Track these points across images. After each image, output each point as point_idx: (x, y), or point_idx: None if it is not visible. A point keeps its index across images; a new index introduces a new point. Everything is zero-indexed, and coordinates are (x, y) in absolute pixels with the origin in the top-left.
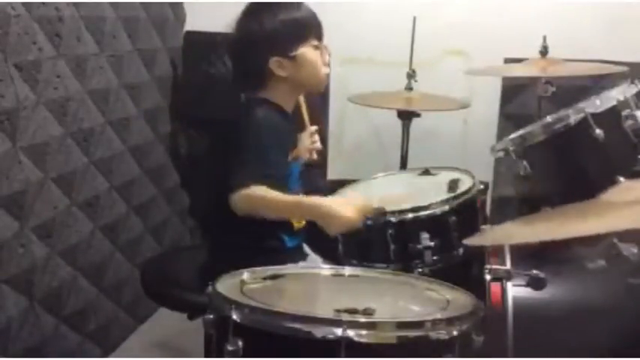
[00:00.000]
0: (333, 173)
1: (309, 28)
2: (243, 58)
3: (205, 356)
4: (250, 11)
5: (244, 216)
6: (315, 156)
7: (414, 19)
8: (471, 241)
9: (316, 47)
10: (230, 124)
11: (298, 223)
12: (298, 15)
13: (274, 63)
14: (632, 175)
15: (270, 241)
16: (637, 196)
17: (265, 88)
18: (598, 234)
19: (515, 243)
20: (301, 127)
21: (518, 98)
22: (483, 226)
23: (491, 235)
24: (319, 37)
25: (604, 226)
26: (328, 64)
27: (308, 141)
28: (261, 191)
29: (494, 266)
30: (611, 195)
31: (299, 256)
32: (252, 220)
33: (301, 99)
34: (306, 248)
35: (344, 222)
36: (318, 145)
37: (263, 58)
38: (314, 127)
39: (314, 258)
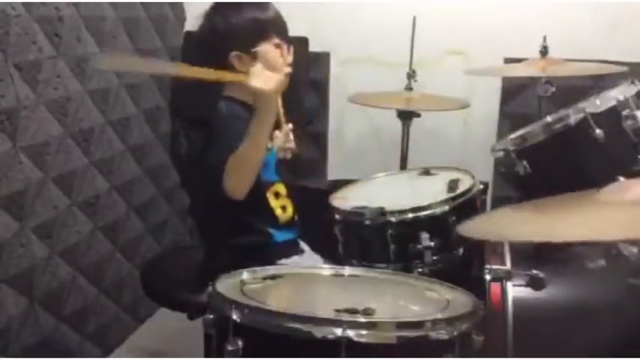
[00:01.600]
0: (333, 173)
1: (271, 26)
2: (206, 53)
3: (205, 356)
4: (215, 8)
5: (223, 212)
6: (288, 155)
7: (414, 19)
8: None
9: (277, 46)
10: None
11: (284, 215)
12: (262, 14)
13: (234, 58)
14: (632, 175)
15: (257, 237)
16: (637, 196)
17: (228, 83)
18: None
19: (512, 241)
20: (277, 125)
21: (518, 98)
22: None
23: (486, 224)
24: (282, 35)
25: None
26: (289, 65)
27: (281, 140)
28: (232, 157)
29: (494, 266)
30: (611, 195)
31: (292, 250)
32: (239, 216)
33: (278, 100)
34: (304, 245)
35: (268, 90)
36: (292, 144)
37: (224, 53)
38: (289, 126)
39: (313, 257)
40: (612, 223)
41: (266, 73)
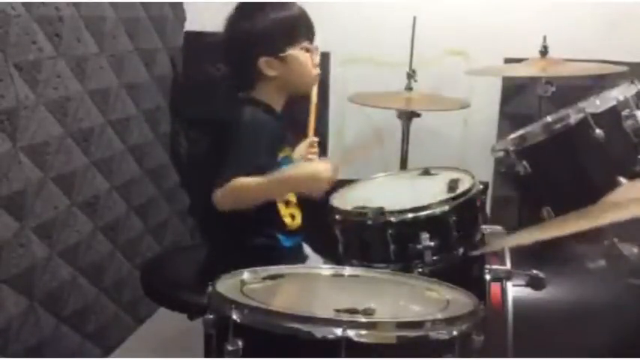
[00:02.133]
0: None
1: (299, 29)
2: (233, 58)
3: (205, 356)
4: (241, 10)
5: (232, 213)
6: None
7: (414, 19)
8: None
9: (307, 49)
10: (222, 123)
11: (292, 222)
12: (289, 14)
13: (263, 63)
14: (632, 175)
15: (265, 240)
16: (637, 196)
17: (254, 87)
18: (598, 233)
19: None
20: (303, 134)
21: (518, 98)
22: (484, 227)
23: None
24: (310, 38)
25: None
26: (318, 66)
27: (305, 150)
28: (238, 182)
29: (494, 266)
30: (611, 195)
31: (298, 257)
32: (247, 219)
33: (313, 107)
34: (307, 249)
35: (326, 176)
36: (315, 157)
37: (252, 58)
38: (315, 139)
39: (314, 258)
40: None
41: (322, 163)
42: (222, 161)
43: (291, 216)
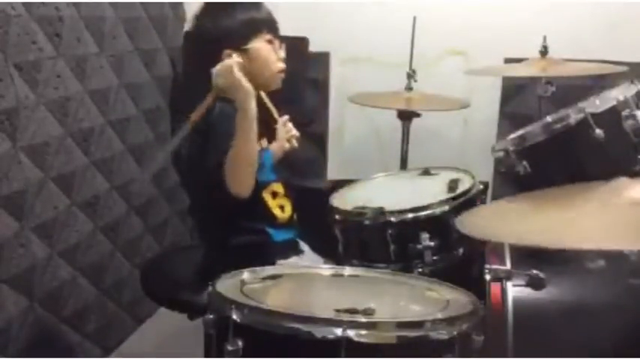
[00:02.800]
0: (333, 173)
1: (263, 24)
2: (197, 53)
3: (205, 356)
4: (206, 8)
5: (222, 211)
6: (295, 144)
7: (414, 19)
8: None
9: (269, 42)
10: (200, 123)
11: (282, 214)
12: (253, 13)
13: (227, 56)
14: (632, 175)
15: (255, 237)
16: (637, 197)
17: None
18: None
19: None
20: (273, 121)
21: (518, 98)
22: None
23: (484, 220)
24: (273, 31)
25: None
26: (282, 60)
27: (283, 131)
28: (227, 159)
29: (494, 266)
30: (610, 195)
31: (291, 250)
32: (236, 216)
33: (263, 95)
34: (304, 245)
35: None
36: (294, 131)
37: (216, 52)
38: (285, 117)
39: (312, 257)
40: (612, 225)
41: (227, 69)
42: (207, 156)
43: (281, 207)
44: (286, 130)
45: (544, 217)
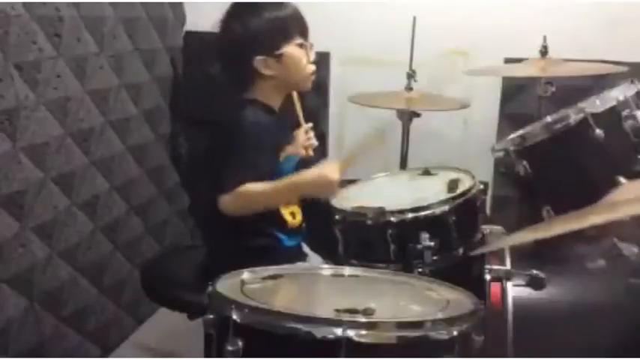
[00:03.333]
0: None
1: (293, 27)
2: (228, 59)
3: (205, 356)
4: (234, 11)
5: (237, 216)
6: (311, 152)
7: (414, 19)
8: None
9: (301, 45)
10: (222, 124)
11: (293, 220)
12: (282, 14)
13: (259, 62)
14: (632, 175)
15: (266, 240)
16: (637, 196)
17: (252, 87)
18: (598, 233)
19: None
20: (296, 125)
21: (518, 98)
22: (484, 227)
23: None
24: (304, 35)
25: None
26: (314, 62)
27: (303, 138)
28: (244, 189)
29: (494, 266)
30: (611, 195)
31: (298, 256)
32: (247, 219)
33: (295, 96)
34: (306, 248)
35: (334, 179)
36: (314, 141)
37: (248, 58)
38: (309, 125)
39: (314, 258)
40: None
41: (330, 165)
42: (226, 165)
43: (292, 214)
44: (307, 137)
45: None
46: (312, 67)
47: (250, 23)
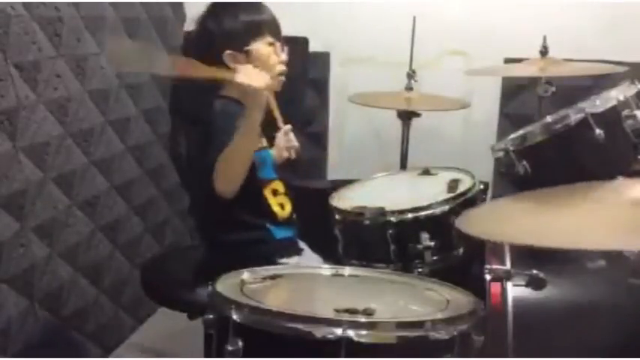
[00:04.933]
0: (333, 173)
1: (264, 26)
2: (200, 53)
3: (205, 356)
4: (211, 9)
5: (223, 209)
6: (293, 155)
7: (414, 19)
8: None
9: (270, 44)
10: (199, 120)
11: (282, 212)
12: (256, 16)
13: (228, 56)
14: (632, 175)
15: (256, 233)
16: (637, 196)
17: (224, 84)
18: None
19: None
20: (275, 128)
21: (518, 98)
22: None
23: (485, 219)
24: (275, 35)
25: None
26: (284, 63)
27: (283, 140)
28: (220, 156)
29: (494, 266)
30: (610, 195)
31: (291, 249)
32: (237, 212)
33: (271, 100)
34: (303, 244)
35: (257, 84)
36: (294, 143)
37: (217, 52)
38: (288, 126)
39: (312, 256)
40: (613, 224)
41: (254, 71)
42: (205, 153)
43: (281, 205)
44: (287, 139)
45: (544, 216)
46: (282, 68)
47: (224, 21)
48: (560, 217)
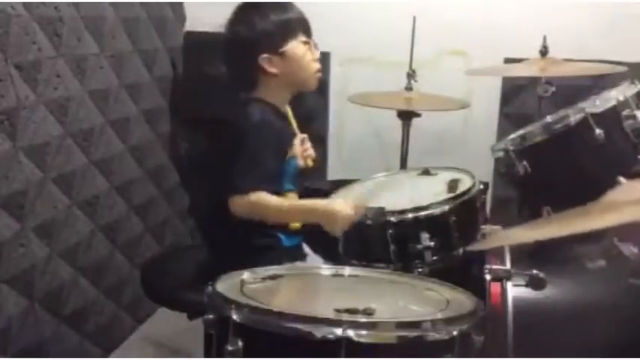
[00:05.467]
0: (333, 173)
1: (297, 25)
2: (234, 58)
3: (205, 356)
4: (240, 12)
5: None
6: (310, 163)
7: (414, 19)
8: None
9: (305, 42)
10: (227, 124)
11: (294, 223)
12: (287, 15)
13: (264, 60)
14: (632, 175)
15: (266, 240)
16: (637, 196)
17: (258, 86)
18: (598, 233)
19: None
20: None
21: (518, 98)
22: (484, 227)
23: (493, 241)
24: (307, 33)
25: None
26: (319, 60)
27: (300, 148)
28: (259, 198)
29: (494, 266)
30: (611, 195)
31: (297, 255)
32: (248, 221)
33: (287, 108)
34: (306, 248)
35: (343, 218)
36: (311, 151)
37: (253, 56)
38: (304, 135)
39: (314, 258)
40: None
41: (338, 207)
42: (236, 164)
43: None
44: (304, 148)
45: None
46: (317, 65)
47: (256, 24)
48: (564, 227)
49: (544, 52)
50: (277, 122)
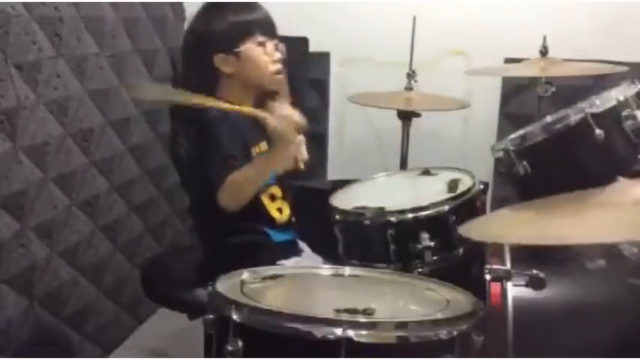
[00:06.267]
0: (333, 173)
1: (254, 26)
2: (190, 57)
3: (205, 356)
4: (202, 11)
5: (221, 212)
6: (302, 166)
7: (414, 19)
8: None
9: (260, 44)
10: (193, 123)
11: (280, 217)
12: (245, 16)
13: (219, 60)
14: (632, 175)
15: (254, 237)
16: (637, 196)
17: (218, 87)
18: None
19: (512, 243)
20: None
21: (518, 98)
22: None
23: (486, 226)
24: (267, 34)
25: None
26: (279, 61)
27: (296, 150)
28: (231, 180)
29: (494, 266)
30: (611, 195)
31: (291, 251)
32: (235, 217)
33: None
34: (303, 245)
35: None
36: (304, 155)
37: (209, 56)
38: (301, 137)
39: (312, 257)
40: (613, 224)
41: (286, 111)
42: (207, 161)
43: (279, 210)
44: (298, 150)
45: (545, 221)
46: (276, 66)
47: (212, 23)
48: (560, 220)
49: (544, 52)
50: (235, 117)
